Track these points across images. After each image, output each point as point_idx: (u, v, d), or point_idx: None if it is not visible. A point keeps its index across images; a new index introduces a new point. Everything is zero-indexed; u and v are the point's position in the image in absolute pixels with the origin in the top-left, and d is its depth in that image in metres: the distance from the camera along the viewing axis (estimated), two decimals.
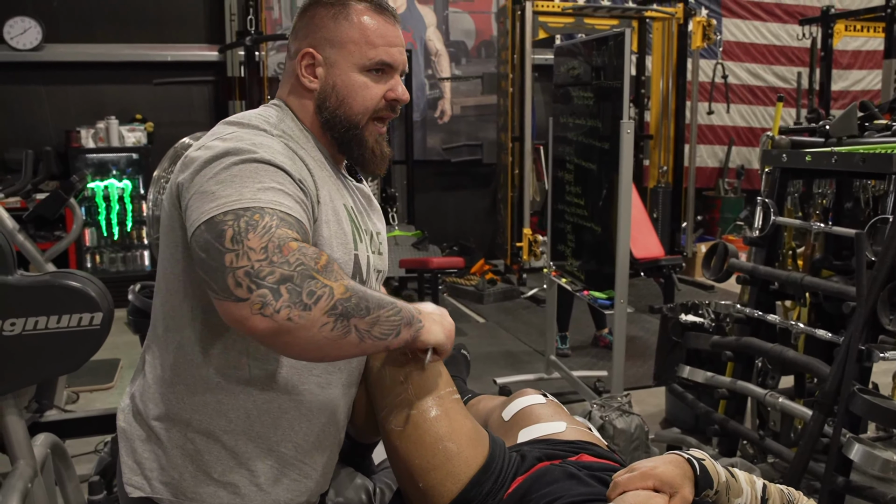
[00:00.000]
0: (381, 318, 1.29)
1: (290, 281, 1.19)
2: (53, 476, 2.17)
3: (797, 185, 3.36)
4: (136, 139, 6.56)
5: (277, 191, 1.28)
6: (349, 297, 1.24)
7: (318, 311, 1.21)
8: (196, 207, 1.27)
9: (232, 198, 1.25)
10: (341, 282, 1.25)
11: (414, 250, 6.48)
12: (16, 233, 3.74)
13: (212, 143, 1.36)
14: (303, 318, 1.20)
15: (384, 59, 1.48)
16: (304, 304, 1.20)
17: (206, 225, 1.24)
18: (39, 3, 6.61)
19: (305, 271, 1.21)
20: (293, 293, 1.19)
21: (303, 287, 1.20)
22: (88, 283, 1.77)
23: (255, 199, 1.25)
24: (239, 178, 1.28)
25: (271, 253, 1.20)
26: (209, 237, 1.23)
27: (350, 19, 1.47)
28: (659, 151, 7.48)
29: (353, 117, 1.50)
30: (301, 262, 1.21)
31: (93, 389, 4.38)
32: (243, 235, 1.20)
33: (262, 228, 1.22)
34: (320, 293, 1.21)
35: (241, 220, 1.22)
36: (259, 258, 1.19)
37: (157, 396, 1.44)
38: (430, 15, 7.81)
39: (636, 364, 4.92)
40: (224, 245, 1.21)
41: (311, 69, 1.49)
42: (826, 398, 2.58)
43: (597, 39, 3.92)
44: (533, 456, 1.54)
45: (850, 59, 9.01)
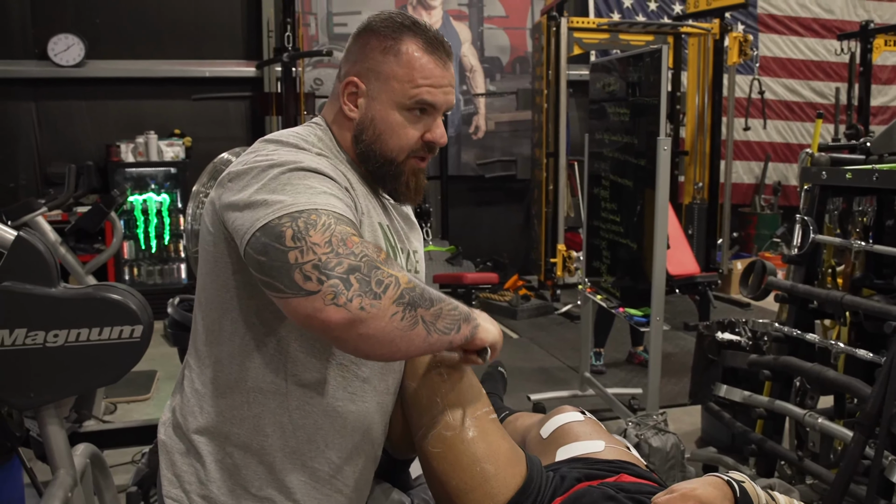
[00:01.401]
0: (443, 311, 1.30)
1: (359, 271, 1.20)
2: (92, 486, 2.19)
3: (837, 202, 3.31)
4: (175, 154, 6.65)
5: (329, 195, 1.29)
6: (413, 286, 1.25)
7: (387, 299, 1.21)
8: (248, 217, 1.27)
9: (286, 202, 1.25)
10: (403, 273, 1.26)
11: (448, 265, 6.49)
12: (58, 246, 3.80)
13: (253, 158, 1.37)
14: (374, 307, 1.20)
15: (425, 99, 1.47)
16: (374, 293, 1.20)
17: (262, 231, 1.24)
18: (82, 20, 6.75)
19: (371, 262, 1.22)
20: (363, 283, 1.20)
21: (371, 276, 1.21)
22: (129, 295, 1.79)
23: (311, 202, 1.26)
24: (290, 185, 1.28)
25: (336, 245, 1.21)
26: (267, 240, 1.23)
27: (399, 55, 1.45)
28: (694, 167, 7.42)
29: (387, 153, 1.49)
30: (365, 253, 1.22)
31: (130, 400, 4.42)
32: (304, 233, 1.21)
33: (322, 226, 1.23)
34: (388, 282, 1.22)
35: (300, 221, 1.23)
36: (325, 251, 1.20)
37: (197, 410, 1.46)
38: (465, 31, 7.85)
39: (671, 381, 4.86)
40: (285, 244, 1.21)
41: (354, 98, 1.49)
42: (867, 419, 2.53)
43: (633, 56, 3.91)
44: (572, 476, 1.53)
45: (890, 74, 8.88)
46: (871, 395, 2.52)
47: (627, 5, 8.03)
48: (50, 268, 1.75)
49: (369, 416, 1.52)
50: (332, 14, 7.48)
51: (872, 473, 2.47)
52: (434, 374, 1.52)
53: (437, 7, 7.74)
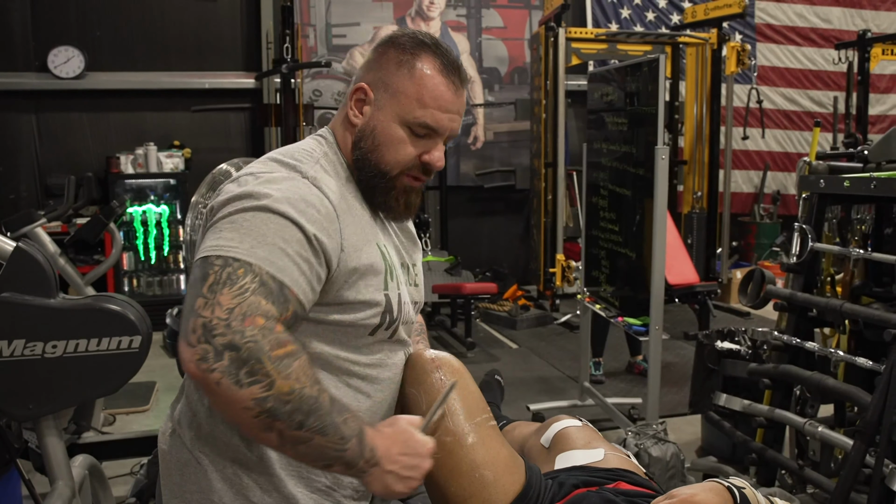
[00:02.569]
0: (313, 442, 1.24)
1: (236, 351, 1.18)
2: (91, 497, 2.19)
3: (835, 210, 3.31)
4: (174, 165, 6.67)
5: (277, 248, 1.28)
6: (288, 400, 1.20)
7: (247, 393, 1.18)
8: (204, 240, 1.31)
9: (231, 244, 1.27)
10: (291, 383, 1.21)
11: (447, 276, 6.49)
12: (57, 257, 3.80)
13: (243, 178, 1.38)
14: (230, 391, 1.19)
15: (428, 123, 1.46)
16: (238, 380, 1.18)
17: (200, 262, 1.27)
18: (82, 32, 6.78)
19: (256, 350, 1.19)
20: (233, 363, 1.18)
21: (245, 363, 1.18)
22: (128, 306, 1.80)
23: (250, 253, 1.26)
24: (248, 223, 1.29)
25: (234, 317, 1.20)
26: (197, 275, 1.25)
27: (412, 72, 1.45)
28: (693, 177, 7.43)
29: (382, 166, 1.48)
30: (256, 339, 1.19)
31: (129, 412, 4.42)
32: (219, 287, 1.22)
33: (238, 288, 1.22)
34: (259, 378, 1.19)
35: (225, 271, 1.23)
36: (221, 316, 1.19)
37: (196, 422, 1.46)
38: (464, 42, 7.88)
39: (671, 391, 4.85)
40: (202, 290, 1.22)
41: (361, 105, 1.49)
42: (867, 427, 2.52)
43: (631, 65, 3.92)
44: (570, 483, 1.53)
45: (888, 83, 8.90)
46: (872, 403, 2.52)
47: (625, 16, 8.06)
48: (49, 279, 1.75)
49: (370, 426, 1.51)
50: (330, 26, 7.51)
51: (873, 482, 2.47)
52: (434, 380, 1.52)
53: (435, 18, 7.76)
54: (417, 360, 1.58)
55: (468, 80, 1.52)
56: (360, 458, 1.29)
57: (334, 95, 7.43)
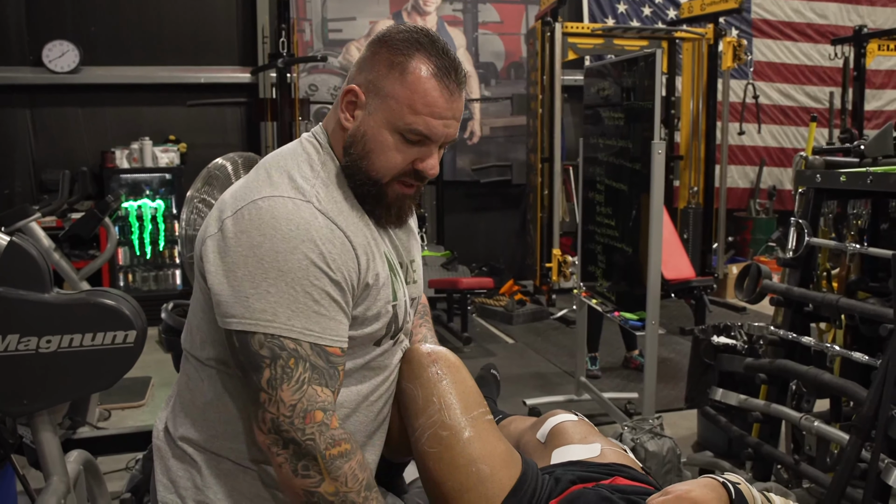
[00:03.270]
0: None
1: (297, 446, 1.31)
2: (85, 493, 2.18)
3: (831, 205, 3.31)
4: (170, 160, 6.65)
5: (311, 311, 1.31)
6: (332, 501, 1.32)
7: (299, 483, 1.32)
8: (226, 299, 1.32)
9: (265, 317, 1.29)
10: (338, 485, 1.32)
11: (443, 270, 6.49)
12: (52, 251, 3.79)
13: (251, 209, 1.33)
14: (287, 476, 1.32)
15: (420, 130, 1.37)
16: (295, 471, 1.31)
17: (241, 341, 1.32)
18: (77, 27, 6.75)
19: (312, 448, 1.30)
20: (294, 456, 1.31)
21: (302, 458, 1.31)
22: (123, 301, 1.79)
23: (289, 327, 1.30)
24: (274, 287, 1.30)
25: (296, 416, 1.30)
26: (246, 361, 1.32)
27: (404, 76, 1.36)
28: (689, 172, 7.43)
29: (372, 173, 1.41)
30: (313, 438, 1.30)
31: (124, 407, 4.41)
32: (278, 383, 1.30)
33: (296, 382, 1.30)
34: (310, 474, 1.31)
35: (278, 364, 1.30)
36: (286, 414, 1.30)
37: (189, 420, 1.45)
38: (460, 37, 7.86)
39: (667, 386, 4.86)
40: (261, 383, 1.31)
41: (352, 108, 1.42)
42: (863, 422, 2.52)
43: (627, 60, 3.91)
44: (567, 479, 1.52)
45: (884, 78, 8.91)
46: (867, 397, 2.52)
47: (622, 10, 8.06)
48: (43, 273, 1.74)
49: (365, 426, 1.51)
50: (326, 20, 7.48)
51: (869, 477, 2.47)
52: (430, 374, 1.51)
53: (431, 13, 7.75)
54: (414, 355, 1.58)
55: (466, 81, 1.43)
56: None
57: (330, 90, 7.41)
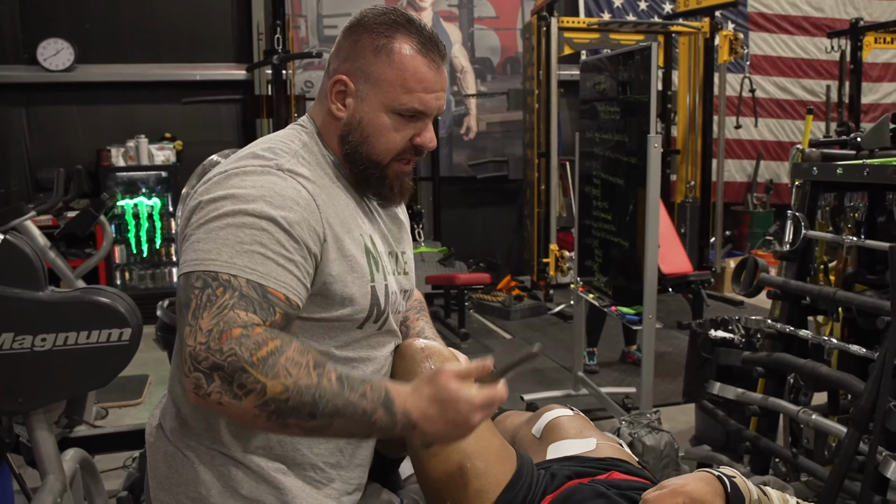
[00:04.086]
0: (333, 425, 1.24)
1: (222, 370, 1.20)
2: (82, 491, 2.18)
3: (828, 198, 3.31)
4: (166, 157, 6.64)
5: (255, 254, 1.27)
6: (286, 398, 1.21)
7: (248, 402, 1.21)
8: (182, 252, 1.32)
9: (209, 256, 1.27)
10: (282, 380, 1.21)
11: (440, 266, 6.48)
12: (47, 250, 3.78)
13: (215, 179, 1.37)
14: (233, 406, 1.22)
15: (416, 107, 1.43)
16: (235, 394, 1.21)
17: (183, 281, 1.28)
18: (72, 25, 6.74)
19: (236, 363, 1.20)
20: (224, 381, 1.21)
21: (233, 378, 1.20)
22: (117, 298, 1.78)
23: (229, 264, 1.26)
24: (224, 231, 1.28)
25: (212, 339, 1.21)
26: (181, 299, 1.27)
27: (391, 57, 1.41)
28: (686, 166, 7.43)
29: (374, 157, 1.45)
30: (234, 352, 1.20)
31: (122, 405, 4.40)
32: (200, 312, 1.23)
33: (218, 308, 1.23)
34: (251, 387, 1.21)
35: (205, 293, 1.24)
36: (202, 341, 1.21)
37: (182, 415, 1.45)
38: (456, 32, 7.85)
39: (665, 381, 4.86)
40: (187, 317, 1.24)
41: (342, 97, 1.45)
42: (861, 415, 2.52)
43: (623, 54, 3.91)
44: (563, 474, 1.52)
45: (881, 71, 8.90)
46: (865, 390, 2.52)
47: (617, 5, 8.04)
48: (37, 271, 1.73)
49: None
50: (322, 16, 7.47)
51: (867, 469, 2.47)
52: (424, 369, 1.51)
53: (427, 8, 7.73)
54: (407, 350, 1.58)
55: (446, 53, 1.48)
56: (393, 426, 1.28)
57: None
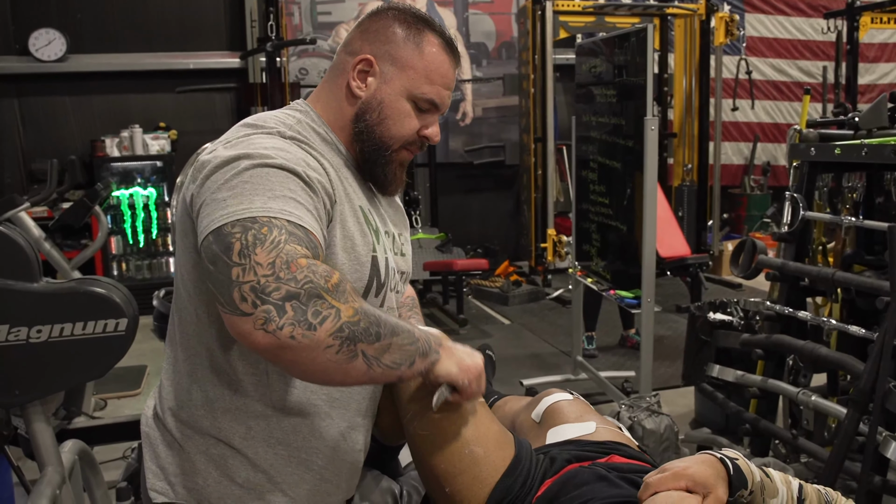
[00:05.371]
0: (393, 345, 1.26)
1: (296, 298, 1.16)
2: (81, 482, 2.17)
3: (826, 179, 3.30)
4: (160, 147, 6.61)
5: (288, 199, 1.25)
6: (358, 320, 1.21)
7: (322, 331, 1.17)
8: (207, 215, 1.25)
9: (241, 206, 1.22)
10: (351, 304, 1.21)
11: (438, 253, 6.47)
12: (42, 241, 3.77)
13: (223, 147, 1.35)
14: (306, 338, 1.17)
15: (433, 99, 1.48)
16: (309, 324, 1.17)
17: (215, 235, 1.22)
18: (63, 15, 6.69)
19: (313, 290, 1.17)
20: (298, 311, 1.16)
21: (308, 306, 1.17)
22: (113, 289, 1.77)
23: (266, 209, 1.22)
24: (250, 184, 1.25)
25: (279, 269, 1.17)
26: (217, 249, 1.20)
27: (420, 47, 1.46)
28: (683, 149, 7.41)
29: (386, 139, 1.48)
30: (310, 279, 1.18)
31: (120, 396, 4.40)
32: (251, 249, 1.18)
33: (271, 243, 1.19)
34: (326, 314, 1.18)
35: (249, 234, 1.19)
36: (266, 273, 1.16)
37: (177, 403, 1.44)
38: (450, 17, 7.80)
39: (664, 364, 4.86)
40: (232, 259, 1.18)
41: (364, 76, 1.47)
42: (861, 395, 2.52)
43: (618, 36, 3.88)
44: (562, 458, 1.51)
45: (877, 51, 8.88)
46: (864, 371, 2.52)
47: None
48: (31, 263, 1.72)
49: (358, 404, 1.50)
50: (315, 3, 7.43)
51: (867, 450, 2.47)
52: None
53: None
54: None
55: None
56: (430, 342, 1.34)
57: (320, 73, 7.36)
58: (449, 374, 1.37)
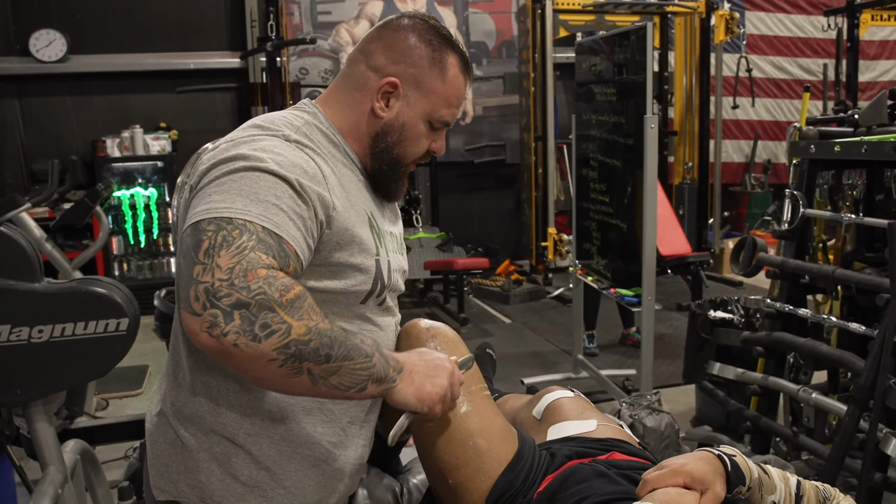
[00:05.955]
0: (343, 368, 1.25)
1: (246, 308, 1.17)
2: (83, 482, 2.18)
3: (826, 176, 3.30)
4: (161, 147, 6.62)
5: (270, 205, 1.26)
6: (308, 339, 1.20)
7: (267, 345, 1.17)
8: (192, 207, 1.28)
9: (223, 205, 1.24)
10: (306, 322, 1.20)
11: (438, 252, 6.47)
12: (43, 242, 3.77)
13: (224, 145, 1.37)
14: (249, 348, 1.17)
15: (448, 121, 1.54)
16: (255, 335, 1.17)
17: (192, 229, 1.23)
18: (64, 15, 6.70)
19: (265, 301, 1.17)
20: (246, 321, 1.17)
21: (258, 317, 1.17)
22: (114, 288, 1.77)
23: (244, 212, 1.24)
24: (236, 185, 1.27)
25: (235, 276, 1.17)
26: (189, 243, 1.22)
27: (445, 73, 1.49)
28: (684, 148, 7.41)
29: (403, 158, 1.53)
30: (263, 291, 1.18)
31: (122, 396, 4.41)
32: (216, 251, 1.19)
33: (237, 248, 1.20)
34: (276, 328, 1.18)
35: (220, 234, 1.21)
36: (222, 277, 1.17)
37: (180, 401, 1.44)
38: (450, 16, 7.80)
39: (665, 362, 4.87)
40: (197, 256, 1.20)
41: (387, 97, 1.49)
42: (861, 393, 2.52)
43: (618, 34, 3.88)
44: (563, 454, 1.52)
45: (878, 49, 8.87)
46: (865, 368, 2.52)
47: None
48: (32, 263, 1.72)
49: (362, 405, 1.50)
50: (315, 2, 7.42)
51: (867, 447, 2.47)
52: (428, 348, 1.51)
53: None
54: (412, 330, 1.59)
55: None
56: (388, 368, 1.32)
57: (321, 73, 7.36)
58: (406, 403, 1.36)
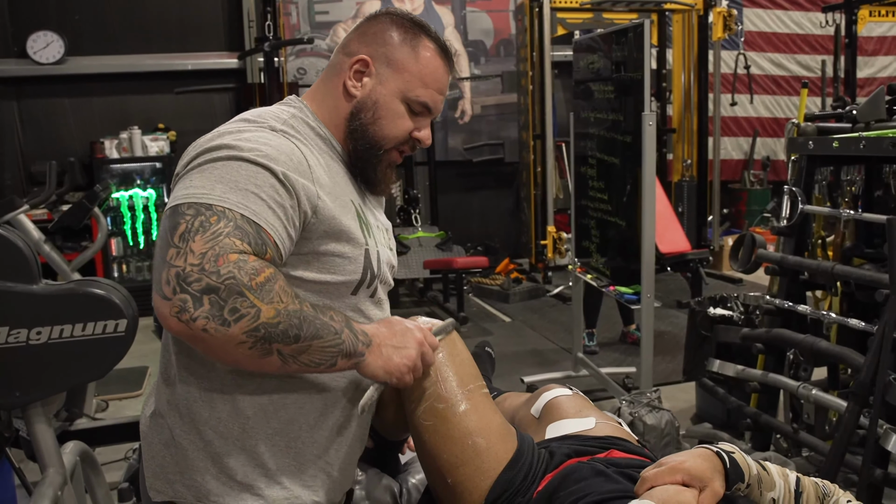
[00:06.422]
0: (312, 346, 1.28)
1: (216, 293, 1.19)
2: (83, 484, 2.17)
3: (825, 172, 3.30)
4: (160, 148, 6.61)
5: (250, 193, 1.28)
6: (277, 322, 1.23)
7: (237, 329, 1.21)
8: (173, 191, 1.32)
9: (203, 191, 1.27)
10: (275, 305, 1.23)
11: (438, 251, 6.47)
12: (42, 243, 3.77)
13: (210, 135, 1.39)
14: (219, 332, 1.20)
15: (426, 103, 1.52)
16: (224, 319, 1.20)
17: (171, 212, 1.26)
18: (61, 17, 6.69)
19: (234, 286, 1.20)
20: (215, 306, 1.19)
21: (227, 302, 1.20)
22: (112, 290, 1.77)
23: (223, 199, 1.26)
24: (218, 172, 1.29)
25: (206, 261, 1.20)
26: (167, 226, 1.25)
27: (416, 51, 1.50)
28: (682, 145, 7.40)
29: (379, 139, 1.51)
30: (233, 275, 1.20)
31: (122, 397, 4.40)
32: (191, 235, 1.22)
33: (212, 234, 1.22)
34: (245, 312, 1.21)
35: (198, 219, 1.23)
36: (193, 262, 1.20)
37: (174, 400, 1.44)
38: (448, 15, 7.80)
39: (665, 360, 4.87)
40: (173, 239, 1.22)
41: (360, 76, 1.51)
42: (861, 389, 2.52)
43: (616, 32, 3.88)
44: (562, 453, 1.52)
45: (876, 45, 8.86)
46: (865, 364, 2.52)
47: None
48: (30, 264, 1.72)
49: (354, 395, 1.50)
50: (313, 2, 7.42)
51: (868, 443, 2.48)
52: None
53: None
54: None
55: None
56: (356, 343, 1.35)
57: (319, 73, 7.33)
58: (374, 375, 1.39)
